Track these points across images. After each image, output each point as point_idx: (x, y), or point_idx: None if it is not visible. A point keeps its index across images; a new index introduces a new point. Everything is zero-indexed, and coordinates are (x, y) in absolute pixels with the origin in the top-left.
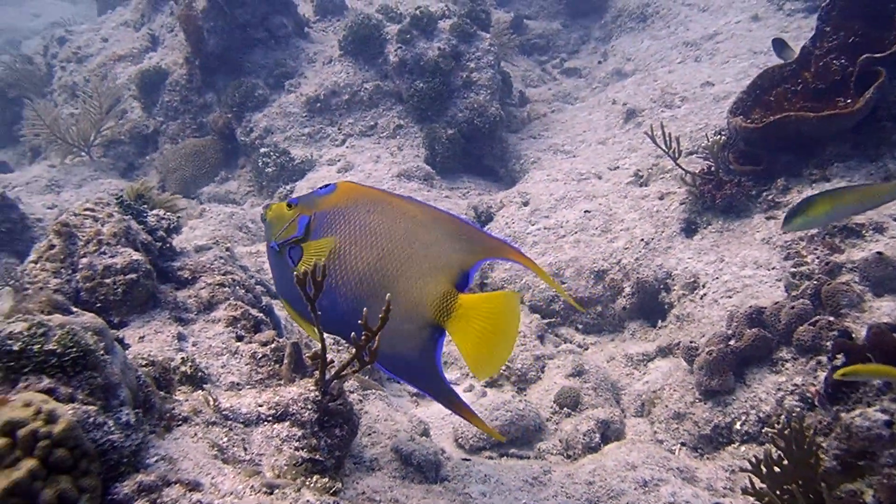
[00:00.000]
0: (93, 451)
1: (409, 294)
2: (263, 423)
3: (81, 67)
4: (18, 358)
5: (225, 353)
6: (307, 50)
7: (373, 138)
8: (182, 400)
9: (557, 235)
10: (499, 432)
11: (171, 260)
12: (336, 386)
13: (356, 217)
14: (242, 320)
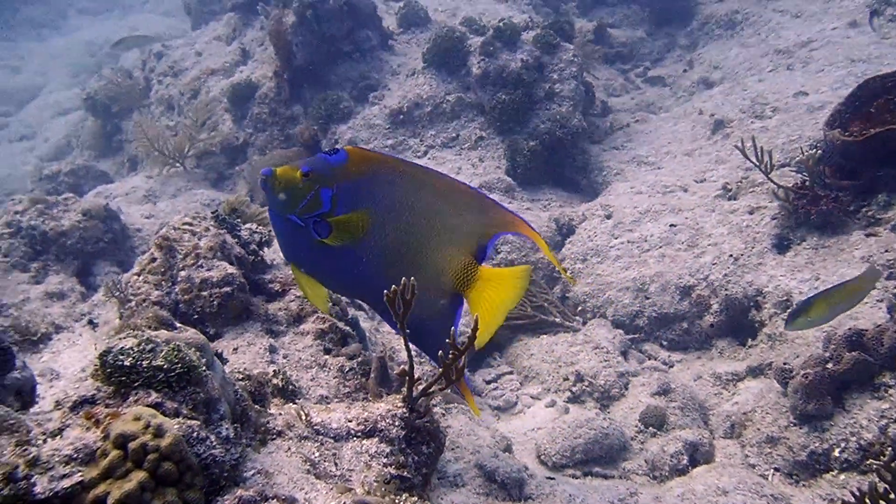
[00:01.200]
0: (196, 465)
1: (432, 265)
2: (353, 439)
3: (177, 81)
4: (129, 373)
5: (314, 366)
6: (391, 62)
7: (454, 150)
8: (276, 414)
9: (641, 249)
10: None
11: (262, 272)
12: (423, 403)
13: (379, 190)
14: (330, 333)
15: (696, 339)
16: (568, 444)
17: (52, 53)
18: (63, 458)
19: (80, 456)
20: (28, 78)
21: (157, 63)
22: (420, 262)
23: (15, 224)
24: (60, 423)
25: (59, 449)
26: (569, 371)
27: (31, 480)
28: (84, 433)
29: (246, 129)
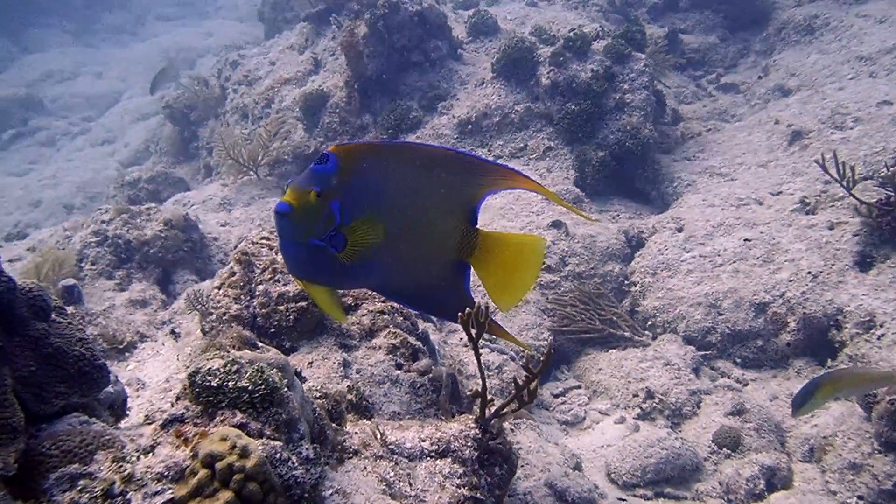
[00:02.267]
0: (279, 486)
1: (433, 239)
2: (426, 459)
3: (251, 90)
4: (216, 393)
5: (386, 382)
6: (460, 72)
7: (522, 160)
8: (352, 432)
9: (714, 264)
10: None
11: None
12: (496, 424)
13: (373, 183)
14: (402, 348)
15: (771, 357)
16: (639, 464)
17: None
18: (155, 476)
19: (171, 474)
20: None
21: (232, 72)
22: (422, 241)
23: (101, 233)
24: (152, 440)
25: (151, 466)
26: (638, 387)
27: (126, 497)
28: (174, 451)
29: (317, 137)
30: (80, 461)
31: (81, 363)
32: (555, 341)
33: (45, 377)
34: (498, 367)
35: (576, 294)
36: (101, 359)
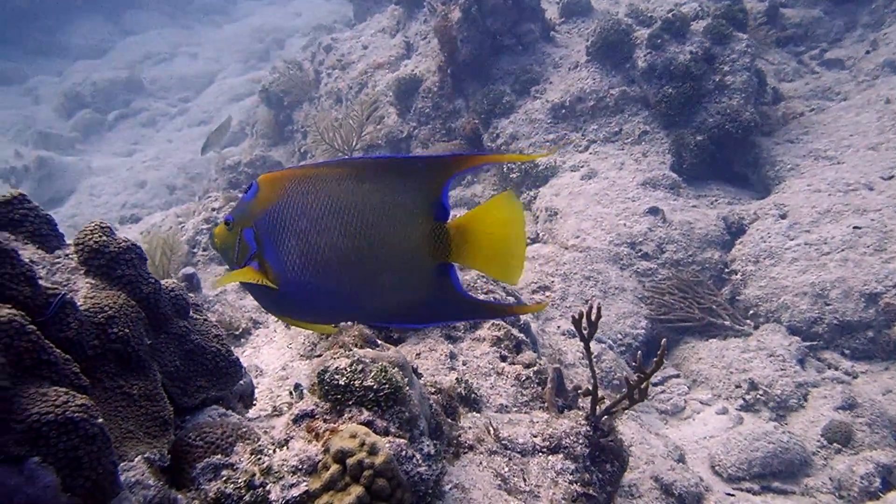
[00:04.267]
0: (406, 482)
1: (398, 252)
2: (538, 454)
3: (345, 74)
4: (343, 391)
5: (492, 374)
6: (553, 55)
7: (617, 144)
8: (466, 427)
9: (821, 252)
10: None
11: None
12: (607, 422)
13: (295, 207)
14: (505, 340)
15: (882, 349)
16: (745, 457)
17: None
18: (291, 469)
19: (305, 467)
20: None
21: (325, 56)
22: (382, 256)
23: (212, 220)
24: (286, 434)
25: (287, 460)
26: (741, 378)
27: (266, 488)
28: (307, 446)
29: (409, 122)
30: (221, 452)
31: (218, 359)
32: (652, 328)
33: (188, 372)
34: (596, 357)
35: (673, 282)
36: (234, 354)
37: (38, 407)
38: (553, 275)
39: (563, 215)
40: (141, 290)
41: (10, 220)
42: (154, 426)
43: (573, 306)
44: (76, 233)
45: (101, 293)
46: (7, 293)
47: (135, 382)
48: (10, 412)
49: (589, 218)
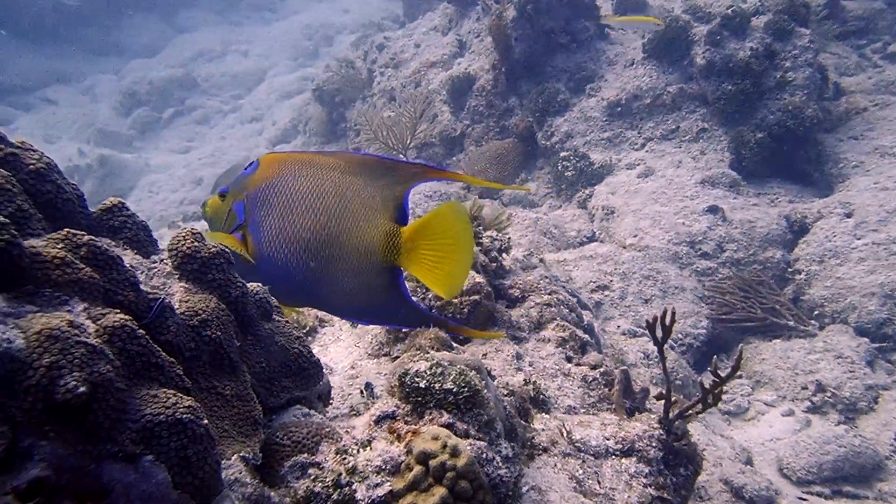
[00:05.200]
0: (487, 484)
1: (357, 246)
2: (612, 457)
3: (398, 73)
4: (424, 394)
5: (559, 375)
6: (607, 52)
7: (674, 142)
8: (539, 429)
9: (890, 252)
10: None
11: (501, 278)
12: (680, 426)
13: (284, 187)
14: (570, 341)
15: None
16: (815, 460)
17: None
18: (374, 468)
19: (388, 467)
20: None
21: (378, 55)
22: (342, 245)
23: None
24: (368, 434)
25: (371, 460)
26: (807, 380)
27: (352, 487)
28: (389, 446)
29: (463, 120)
30: (307, 451)
31: (301, 360)
32: (713, 328)
33: (273, 372)
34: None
35: (735, 281)
36: (315, 356)
37: (150, 408)
38: (612, 274)
39: (620, 214)
40: (230, 293)
41: (111, 227)
42: (246, 426)
43: (632, 306)
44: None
45: (195, 297)
46: (115, 298)
47: (227, 383)
48: (125, 412)
49: (647, 217)
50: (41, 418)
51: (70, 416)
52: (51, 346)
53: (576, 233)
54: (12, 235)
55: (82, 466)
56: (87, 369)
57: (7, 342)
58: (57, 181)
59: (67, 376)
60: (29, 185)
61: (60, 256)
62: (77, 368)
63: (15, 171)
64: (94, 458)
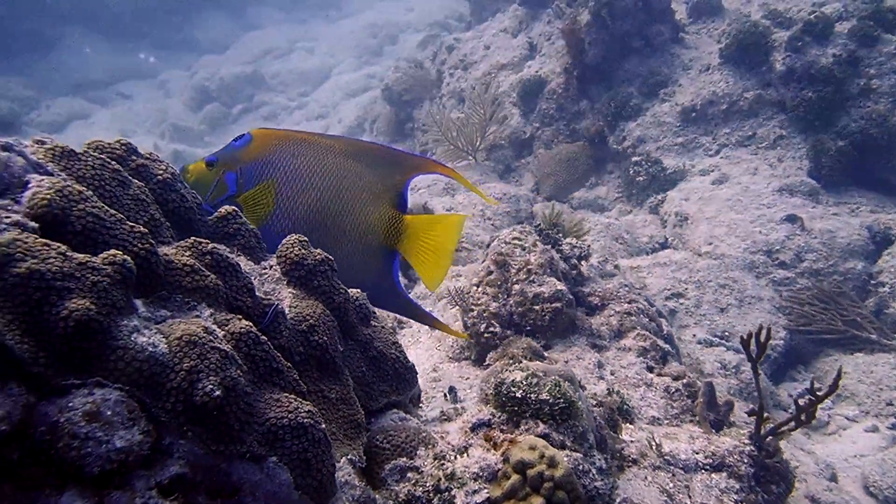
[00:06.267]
0: (584, 496)
1: (357, 226)
2: (701, 471)
3: (467, 74)
4: (520, 404)
5: (641, 385)
6: (682, 56)
7: (750, 149)
8: (628, 441)
9: None
10: None
11: (581, 285)
12: (772, 442)
13: (284, 162)
14: (651, 351)
15: None
16: None
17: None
18: (472, 475)
19: (485, 475)
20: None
21: (447, 56)
22: (342, 226)
23: None
24: (464, 441)
25: (468, 466)
26: (892, 395)
27: (451, 493)
28: (486, 454)
29: (533, 123)
30: (406, 455)
31: (397, 365)
32: (791, 339)
33: (372, 377)
34: (735, 367)
35: (814, 292)
36: (410, 361)
37: (273, 412)
38: (686, 282)
39: (694, 221)
40: (334, 299)
41: (226, 234)
42: (350, 429)
43: (707, 314)
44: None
45: (303, 303)
46: (234, 303)
47: (332, 386)
48: (252, 415)
49: (722, 224)
50: (181, 419)
51: (205, 418)
52: (190, 352)
53: (648, 238)
54: (151, 245)
55: (215, 465)
56: (220, 373)
57: (152, 346)
58: (181, 190)
59: (205, 380)
60: (157, 195)
61: (190, 264)
62: (213, 373)
63: (145, 181)
64: (225, 457)
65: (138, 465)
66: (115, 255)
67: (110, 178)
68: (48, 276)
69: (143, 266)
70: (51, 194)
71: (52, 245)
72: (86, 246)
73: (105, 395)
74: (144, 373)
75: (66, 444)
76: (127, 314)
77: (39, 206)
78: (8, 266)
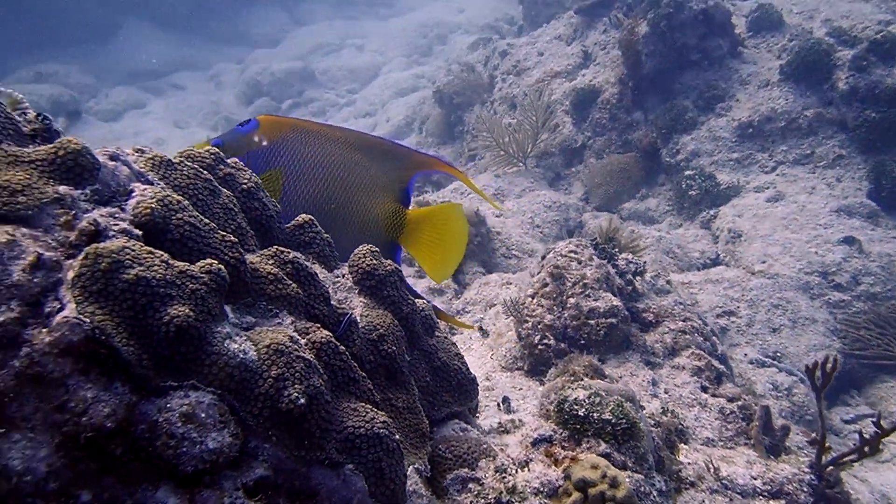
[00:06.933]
0: None
1: (360, 218)
2: (759, 498)
3: (520, 80)
4: (583, 422)
5: (695, 405)
6: (740, 71)
7: (807, 167)
8: (686, 463)
9: None
10: None
11: (635, 301)
12: (833, 472)
13: (292, 151)
14: (706, 371)
15: None
16: None
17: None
18: (533, 490)
19: (546, 490)
20: (370, 57)
21: (500, 61)
22: (346, 217)
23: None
24: (525, 455)
25: (529, 481)
26: None
27: None
28: (546, 469)
29: (585, 132)
30: (468, 466)
31: (460, 376)
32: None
33: (436, 387)
34: (787, 389)
35: (870, 316)
36: (472, 373)
37: (351, 420)
38: (739, 300)
39: (748, 238)
40: (401, 309)
41: (302, 242)
42: (416, 438)
43: (759, 334)
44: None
45: (373, 312)
46: (312, 311)
47: (400, 395)
48: (331, 423)
49: (776, 243)
50: (266, 423)
51: (289, 424)
52: (277, 360)
53: (699, 254)
54: (240, 253)
55: (296, 469)
56: (305, 382)
57: (243, 353)
58: (263, 199)
59: (290, 388)
60: (242, 203)
61: (274, 273)
62: (298, 381)
63: (231, 189)
64: (305, 462)
65: (227, 465)
66: (211, 264)
67: (202, 188)
68: (153, 283)
69: (233, 274)
70: (153, 203)
71: (156, 253)
72: (182, 253)
73: (199, 397)
74: (235, 378)
75: (164, 442)
76: (220, 321)
77: (143, 215)
78: (117, 272)
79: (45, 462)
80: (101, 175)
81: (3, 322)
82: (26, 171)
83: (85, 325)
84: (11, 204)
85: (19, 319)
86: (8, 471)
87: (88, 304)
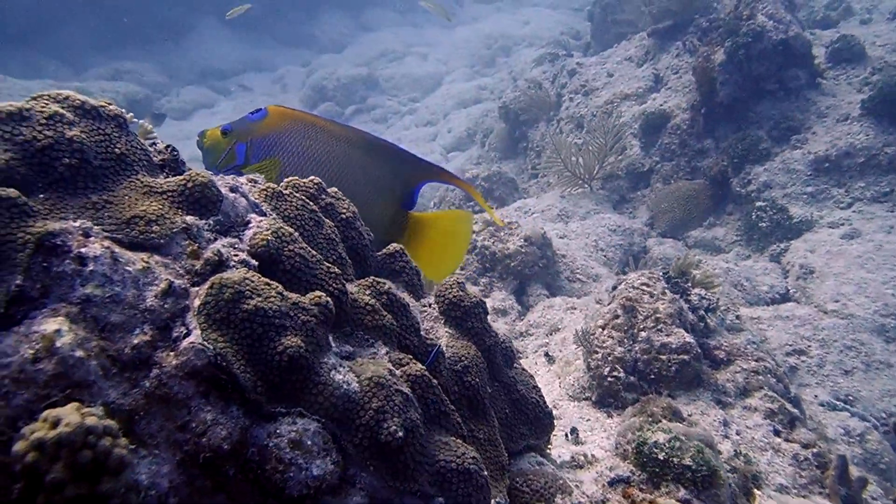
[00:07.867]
0: None
1: (364, 219)
2: None
3: (588, 101)
4: (662, 466)
5: (768, 450)
6: (818, 103)
7: (886, 206)
8: None
9: None
10: None
11: (706, 337)
12: None
13: (294, 143)
14: (779, 414)
15: None
16: None
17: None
18: None
19: None
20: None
21: (568, 80)
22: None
23: (471, 242)
24: (602, 495)
25: None
26: None
27: None
28: None
29: (653, 156)
30: (545, 501)
31: (537, 409)
32: None
33: (514, 419)
34: (860, 435)
35: None
36: (549, 406)
37: (443, 454)
38: (810, 339)
39: (820, 275)
40: (484, 341)
41: (393, 270)
42: (496, 470)
43: (831, 375)
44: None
45: (458, 343)
46: (403, 342)
47: (481, 427)
48: (424, 455)
49: (850, 282)
50: (365, 453)
51: (387, 455)
52: (378, 392)
53: (768, 288)
54: (343, 285)
55: (389, 499)
56: (403, 415)
57: (346, 384)
58: (359, 228)
59: (389, 420)
60: (341, 232)
61: (371, 304)
62: (396, 414)
63: (331, 219)
64: (399, 493)
65: (328, 492)
66: (320, 296)
67: (308, 218)
68: (270, 314)
69: (336, 305)
70: (269, 236)
71: (272, 284)
72: (291, 283)
73: (306, 424)
74: (339, 408)
75: (273, 466)
76: (326, 351)
77: (259, 246)
78: (238, 302)
79: (168, 478)
80: (223, 206)
81: (138, 345)
82: (159, 202)
83: (209, 352)
84: (147, 233)
85: (151, 342)
86: (137, 485)
87: (212, 331)
